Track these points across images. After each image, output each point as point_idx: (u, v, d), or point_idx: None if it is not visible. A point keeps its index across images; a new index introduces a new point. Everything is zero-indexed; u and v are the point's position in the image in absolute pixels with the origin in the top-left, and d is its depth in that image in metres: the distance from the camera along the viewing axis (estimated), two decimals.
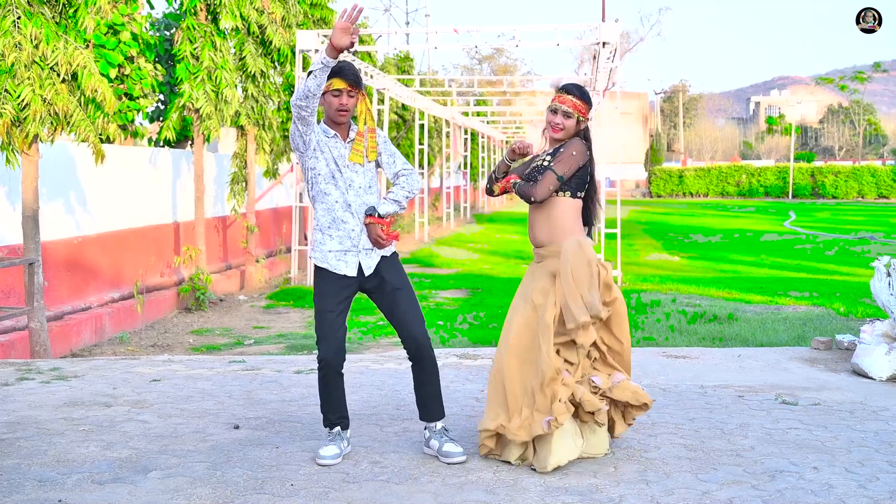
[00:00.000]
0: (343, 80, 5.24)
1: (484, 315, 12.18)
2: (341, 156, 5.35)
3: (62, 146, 10.79)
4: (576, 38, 17.89)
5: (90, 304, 10.95)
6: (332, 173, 5.33)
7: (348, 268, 5.36)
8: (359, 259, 5.38)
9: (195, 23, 13.04)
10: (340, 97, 5.27)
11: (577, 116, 5.45)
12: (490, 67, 66.79)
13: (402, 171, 5.52)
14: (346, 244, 5.35)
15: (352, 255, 5.37)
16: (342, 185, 5.34)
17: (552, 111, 5.49)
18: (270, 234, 18.27)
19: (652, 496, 4.83)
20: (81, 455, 5.52)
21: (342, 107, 5.28)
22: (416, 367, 5.53)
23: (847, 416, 6.46)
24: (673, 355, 8.71)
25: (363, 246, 5.37)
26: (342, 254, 5.36)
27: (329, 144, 5.34)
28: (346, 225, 5.34)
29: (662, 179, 64.77)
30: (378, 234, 5.32)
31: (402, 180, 5.51)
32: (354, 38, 4.93)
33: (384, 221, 5.33)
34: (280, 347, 10.18)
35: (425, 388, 5.55)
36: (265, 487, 4.95)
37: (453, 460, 5.37)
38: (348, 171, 5.36)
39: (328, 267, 5.36)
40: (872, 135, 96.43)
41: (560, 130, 5.46)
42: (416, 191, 5.55)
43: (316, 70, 5.00)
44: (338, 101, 5.27)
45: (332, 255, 5.36)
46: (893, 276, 8.40)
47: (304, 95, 5.07)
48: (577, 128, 5.50)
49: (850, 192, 60.37)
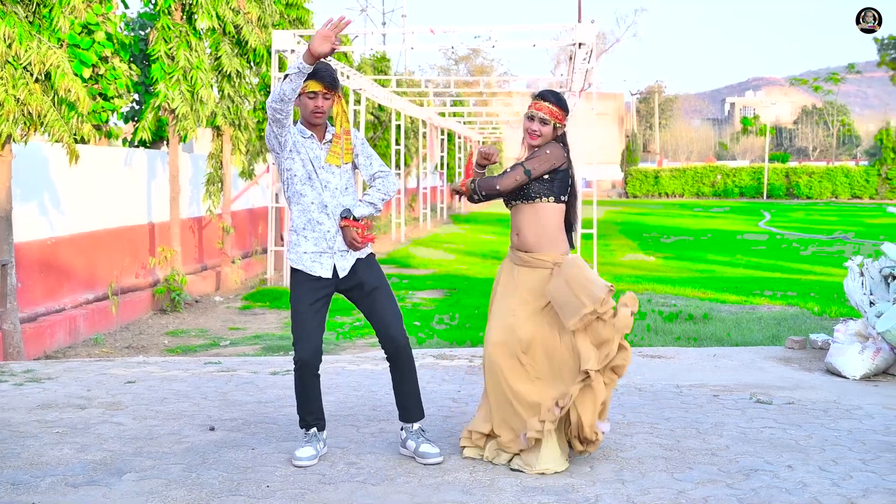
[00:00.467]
0: (319, 82, 5.23)
1: (460, 315, 12.18)
2: (317, 157, 5.34)
3: (36, 146, 10.72)
4: (552, 39, 17.90)
5: (64, 306, 10.88)
6: (307, 174, 5.33)
7: (323, 269, 5.35)
8: (333, 261, 5.37)
9: (170, 22, 12.98)
10: (316, 99, 5.26)
11: (554, 123, 5.47)
12: (467, 68, 66.87)
13: (379, 172, 5.52)
14: (321, 246, 5.34)
15: (327, 256, 5.36)
16: (318, 187, 5.33)
17: (529, 118, 5.50)
18: (246, 235, 18.21)
19: (628, 496, 4.84)
20: (55, 458, 5.49)
21: (317, 109, 5.27)
22: (394, 367, 5.53)
23: (821, 414, 6.50)
24: (649, 355, 8.74)
25: (338, 248, 5.37)
26: (317, 255, 5.35)
27: (305, 145, 5.33)
28: (321, 226, 5.34)
29: (638, 180, 64.98)
30: (353, 237, 5.31)
31: (378, 182, 5.51)
32: (336, 46, 4.92)
33: (359, 224, 5.33)
34: (256, 348, 10.15)
35: (404, 388, 5.56)
36: (241, 489, 4.93)
37: (430, 461, 5.37)
38: (324, 172, 5.35)
39: (303, 268, 5.36)
40: (846, 135, 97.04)
41: (537, 137, 5.48)
42: (393, 193, 5.55)
43: (292, 74, 4.98)
44: (313, 104, 5.26)
45: (307, 256, 5.35)
46: (866, 276, 8.46)
47: (279, 98, 5.04)
48: (553, 134, 5.51)
49: (823, 193, 60.76)
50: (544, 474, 5.16)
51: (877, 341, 7.78)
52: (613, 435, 5.93)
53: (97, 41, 10.69)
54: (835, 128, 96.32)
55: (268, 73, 15.98)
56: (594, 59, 15.95)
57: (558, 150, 5.46)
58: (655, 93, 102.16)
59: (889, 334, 7.59)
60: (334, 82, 5.29)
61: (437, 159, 35.39)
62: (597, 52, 17.54)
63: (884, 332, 7.63)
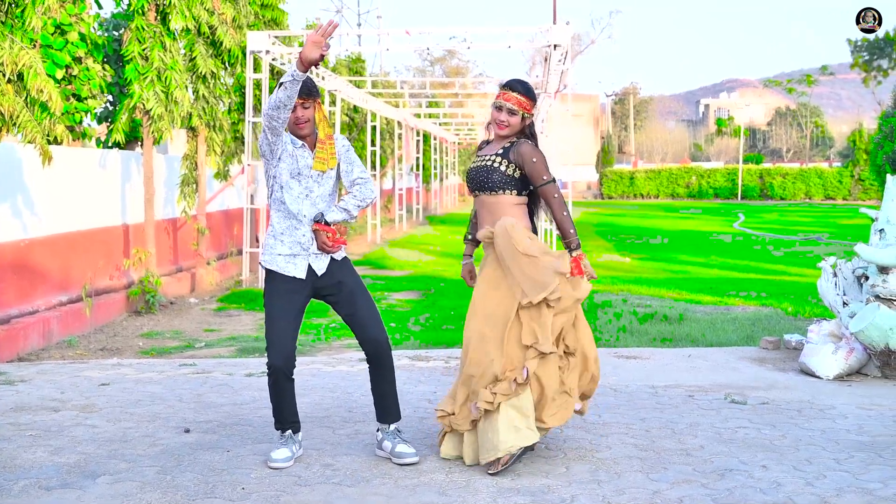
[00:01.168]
0: None
1: (436, 317, 12.18)
2: (307, 165, 5.38)
3: (8, 147, 10.64)
4: (527, 41, 17.93)
5: (37, 308, 10.81)
6: (286, 185, 5.36)
7: (297, 270, 5.36)
8: (308, 261, 5.38)
9: (144, 23, 12.91)
10: (295, 111, 5.30)
11: (522, 113, 5.47)
12: (442, 69, 66.89)
13: (359, 179, 5.53)
14: (295, 249, 5.37)
15: (301, 258, 5.38)
16: (300, 193, 5.34)
17: (497, 108, 5.51)
18: (221, 237, 18.14)
19: (603, 496, 4.86)
20: (29, 460, 5.45)
21: (298, 119, 5.32)
22: (374, 368, 5.54)
23: (795, 414, 6.54)
24: (624, 356, 8.77)
25: (313, 250, 5.39)
26: (291, 257, 5.38)
27: (297, 154, 5.37)
28: (297, 231, 5.36)
29: (613, 181, 65.15)
30: (324, 241, 5.33)
31: (356, 189, 5.52)
32: (325, 52, 4.94)
33: (330, 228, 5.34)
34: (231, 350, 10.11)
35: (383, 390, 5.57)
36: (216, 491, 4.92)
37: (406, 461, 5.38)
38: (310, 180, 5.38)
39: (277, 269, 5.37)
40: (819, 137, 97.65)
41: (505, 128, 5.49)
42: (370, 200, 5.55)
43: (286, 82, 5.02)
44: (293, 116, 5.31)
45: (281, 258, 5.37)
46: (840, 277, 8.52)
47: (274, 106, 5.10)
48: (521, 124, 5.52)
49: (797, 194, 61.11)
50: (510, 462, 5.15)
51: (850, 341, 7.83)
52: (589, 435, 5.95)
53: (70, 42, 10.64)
54: (808, 129, 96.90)
55: (242, 73, 15.93)
56: (569, 60, 15.99)
57: (531, 148, 5.47)
58: (630, 94, 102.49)
59: (862, 334, 7.64)
60: (311, 91, 5.32)
61: (413, 160, 35.34)
62: (572, 53, 17.57)
63: (857, 333, 7.68)
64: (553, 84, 17.95)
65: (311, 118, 5.35)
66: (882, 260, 7.72)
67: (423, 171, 39.85)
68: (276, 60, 16.31)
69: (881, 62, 67.03)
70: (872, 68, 67.20)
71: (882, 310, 7.59)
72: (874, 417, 6.46)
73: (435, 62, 66.83)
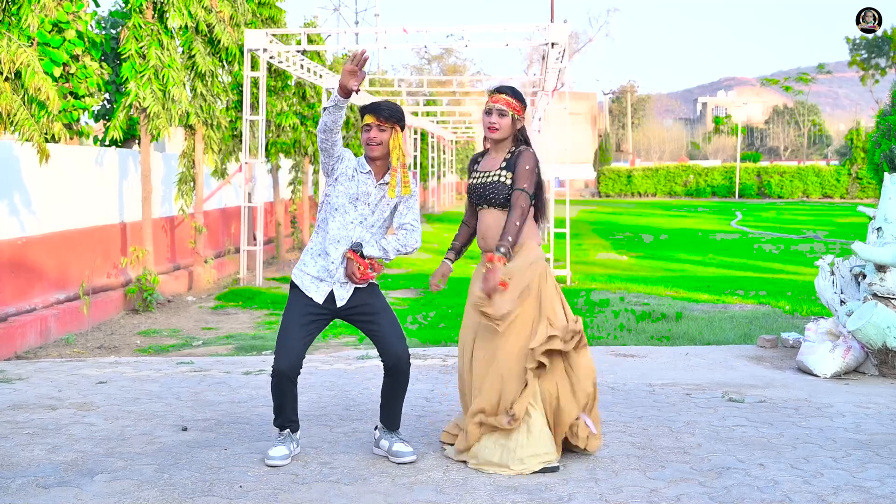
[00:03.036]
0: (372, 114, 5.34)
1: (434, 315, 12.18)
2: (366, 193, 5.39)
3: (6, 145, 10.63)
4: (525, 39, 17.94)
5: (35, 306, 10.80)
6: (341, 208, 5.38)
7: (318, 293, 5.38)
8: (332, 288, 5.39)
9: (141, 21, 12.90)
10: (370, 131, 5.35)
11: (512, 114, 5.43)
12: (439, 67, 66.83)
13: (409, 224, 5.54)
14: (322, 274, 5.39)
15: (325, 284, 5.39)
16: (354, 219, 5.38)
17: (486, 112, 5.49)
18: (219, 235, 18.13)
19: (601, 494, 4.86)
20: (26, 458, 5.45)
21: (370, 140, 5.36)
22: (391, 380, 5.55)
23: (792, 412, 6.54)
24: (621, 354, 8.78)
25: (338, 278, 5.39)
26: (316, 280, 5.40)
27: (360, 179, 5.39)
28: (328, 258, 5.37)
29: (611, 179, 65.16)
30: (353, 271, 5.33)
31: (401, 233, 5.54)
32: (361, 79, 5.02)
33: (364, 262, 5.33)
34: (229, 348, 10.11)
35: (394, 400, 5.60)
36: (213, 489, 4.92)
37: (404, 460, 5.39)
38: (366, 207, 5.41)
39: (300, 286, 5.42)
40: (817, 135, 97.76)
41: (496, 130, 5.46)
42: (412, 248, 5.56)
43: (329, 107, 5.11)
44: (367, 136, 5.37)
45: (307, 277, 5.41)
46: (837, 275, 8.52)
47: (321, 129, 5.21)
48: (512, 127, 5.48)
49: (795, 192, 61.16)
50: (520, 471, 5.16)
51: (847, 340, 7.84)
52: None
53: (68, 40, 10.63)
54: (805, 127, 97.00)
55: (240, 71, 15.93)
56: (567, 58, 15.99)
57: (531, 156, 5.44)
58: (628, 92, 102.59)
59: (860, 333, 7.65)
60: (391, 115, 5.35)
61: (411, 158, 35.36)
62: (569, 51, 17.59)
63: (854, 331, 7.69)
64: (550, 82, 17.96)
65: (383, 141, 5.36)
66: (879, 258, 7.73)
67: (421, 170, 39.84)
68: (273, 58, 16.31)
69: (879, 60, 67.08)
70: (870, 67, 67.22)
71: (879, 308, 7.59)
72: (871, 416, 6.47)
73: (432, 60, 66.81)
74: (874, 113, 41.63)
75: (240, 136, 16.97)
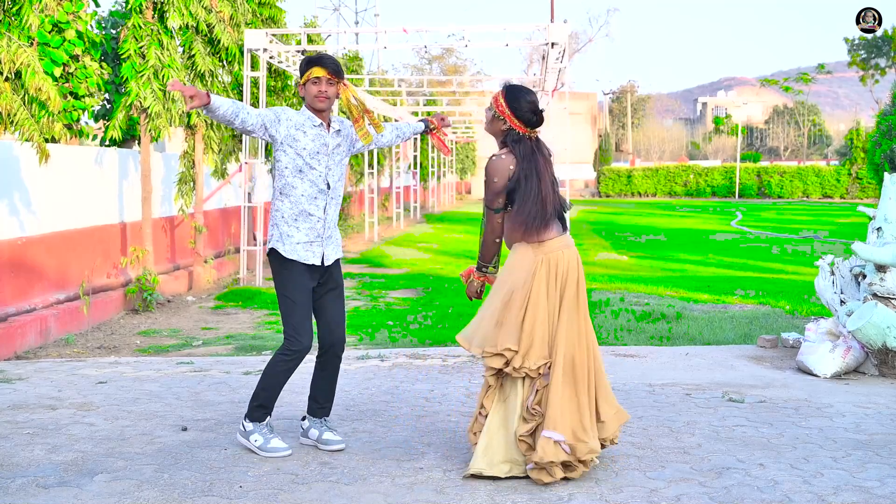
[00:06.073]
0: (323, 68, 5.39)
1: (434, 315, 12.18)
2: (325, 144, 5.47)
3: (6, 145, 10.63)
4: (525, 39, 17.93)
5: (35, 306, 10.80)
6: (298, 167, 5.42)
7: (315, 257, 5.48)
8: (323, 248, 5.50)
9: (141, 21, 12.90)
10: (319, 84, 5.40)
11: (494, 112, 5.31)
12: (440, 67, 66.80)
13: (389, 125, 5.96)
14: (311, 235, 5.46)
15: (317, 245, 5.49)
16: (314, 176, 5.43)
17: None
18: (219, 235, 18.12)
19: (601, 494, 4.86)
20: (26, 459, 5.45)
21: (321, 93, 5.40)
22: (325, 364, 5.67)
23: (792, 413, 6.54)
24: (622, 354, 8.78)
25: (325, 235, 5.50)
26: (309, 244, 5.47)
27: (315, 133, 5.44)
28: (311, 217, 5.45)
29: (611, 179, 65.14)
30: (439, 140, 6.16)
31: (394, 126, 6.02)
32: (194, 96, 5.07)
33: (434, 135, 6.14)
34: (229, 348, 10.11)
35: (327, 386, 5.72)
36: (213, 489, 4.92)
37: (334, 447, 5.56)
38: (328, 158, 5.47)
39: (298, 258, 5.45)
40: (817, 135, 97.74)
41: (484, 123, 5.52)
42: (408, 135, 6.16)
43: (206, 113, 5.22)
44: (316, 88, 5.40)
45: (300, 246, 5.46)
46: (837, 275, 8.52)
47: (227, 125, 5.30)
48: (493, 125, 5.35)
49: (795, 192, 61.14)
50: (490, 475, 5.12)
51: (847, 340, 7.84)
52: None
53: (68, 39, 10.62)
54: (805, 127, 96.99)
55: (240, 72, 15.92)
56: (567, 58, 15.98)
57: (487, 166, 5.26)
58: (628, 92, 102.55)
59: (860, 333, 7.65)
60: (338, 69, 5.45)
61: (411, 159, 35.39)
62: (569, 51, 17.58)
63: (854, 331, 7.69)
64: (551, 82, 17.95)
65: (332, 95, 5.43)
66: (879, 258, 7.73)
67: (421, 170, 39.86)
68: (273, 58, 16.30)
69: (879, 60, 67.06)
70: (870, 67, 67.21)
71: (879, 308, 7.59)
72: (871, 416, 6.47)
73: (432, 60, 66.76)
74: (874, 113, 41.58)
75: (240, 137, 16.96)
